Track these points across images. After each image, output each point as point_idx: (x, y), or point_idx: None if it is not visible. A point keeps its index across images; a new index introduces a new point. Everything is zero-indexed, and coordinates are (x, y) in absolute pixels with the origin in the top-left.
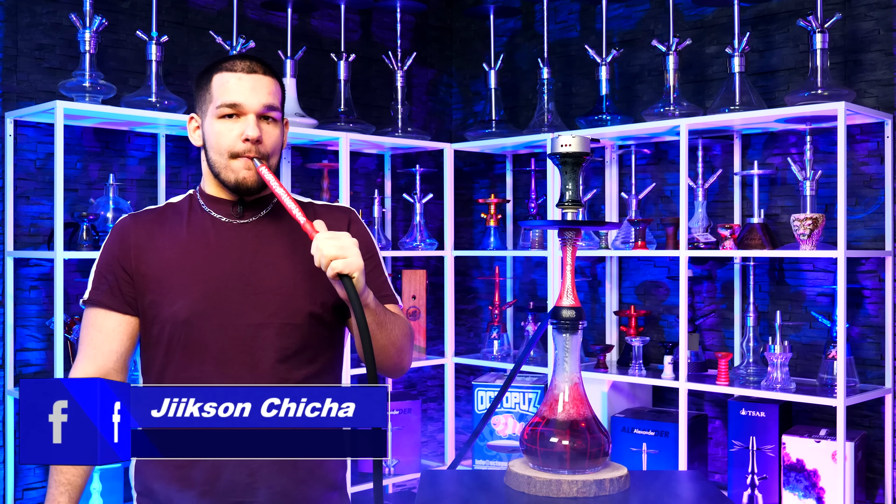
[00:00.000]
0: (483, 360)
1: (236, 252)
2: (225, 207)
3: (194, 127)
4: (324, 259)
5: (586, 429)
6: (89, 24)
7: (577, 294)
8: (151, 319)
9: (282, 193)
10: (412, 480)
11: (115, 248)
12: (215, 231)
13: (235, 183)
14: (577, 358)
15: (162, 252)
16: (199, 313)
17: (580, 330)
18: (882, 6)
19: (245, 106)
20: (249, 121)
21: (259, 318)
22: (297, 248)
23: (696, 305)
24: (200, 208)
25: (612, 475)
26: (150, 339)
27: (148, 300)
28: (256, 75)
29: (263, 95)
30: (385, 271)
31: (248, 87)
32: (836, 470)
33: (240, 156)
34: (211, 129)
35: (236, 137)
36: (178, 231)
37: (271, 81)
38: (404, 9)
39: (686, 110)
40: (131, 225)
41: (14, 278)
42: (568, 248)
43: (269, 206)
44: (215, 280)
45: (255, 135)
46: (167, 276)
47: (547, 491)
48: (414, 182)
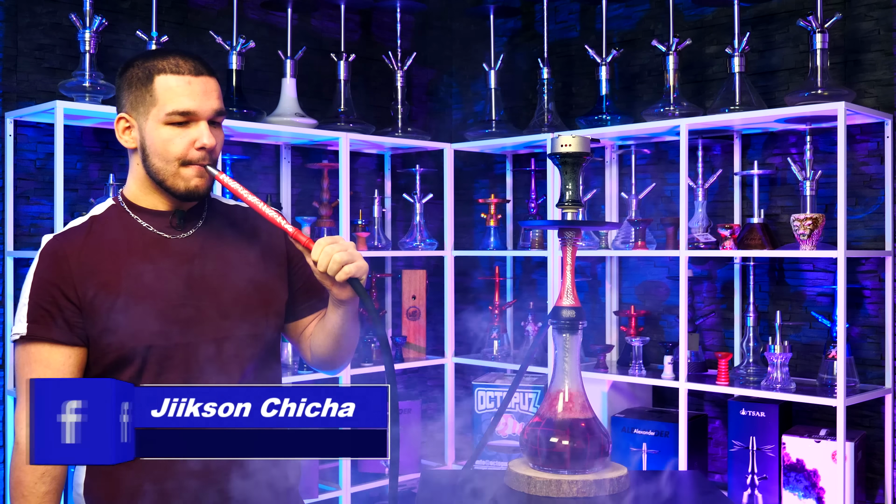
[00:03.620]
0: (483, 360)
1: (185, 268)
2: (161, 220)
3: (124, 127)
4: (334, 265)
5: (586, 429)
6: (89, 24)
7: (577, 294)
8: (105, 348)
9: (257, 202)
10: (412, 480)
11: (51, 276)
12: (159, 248)
13: (186, 191)
14: (577, 358)
15: (105, 275)
16: (159, 336)
17: (580, 330)
18: (882, 6)
19: (198, 113)
20: (202, 128)
21: (220, 332)
22: (244, 256)
23: (696, 305)
24: (133, 221)
25: (612, 475)
26: (103, 368)
27: (98, 329)
28: (203, 77)
29: (213, 100)
30: None
31: (199, 92)
32: (836, 470)
33: (192, 163)
34: (156, 135)
35: (188, 144)
36: (117, 250)
37: (215, 82)
38: (404, 9)
39: (686, 110)
40: (65, 247)
41: (14, 278)
42: (568, 248)
43: (204, 213)
44: (169, 299)
45: (211, 143)
46: (118, 302)
47: (547, 491)
48: (414, 182)
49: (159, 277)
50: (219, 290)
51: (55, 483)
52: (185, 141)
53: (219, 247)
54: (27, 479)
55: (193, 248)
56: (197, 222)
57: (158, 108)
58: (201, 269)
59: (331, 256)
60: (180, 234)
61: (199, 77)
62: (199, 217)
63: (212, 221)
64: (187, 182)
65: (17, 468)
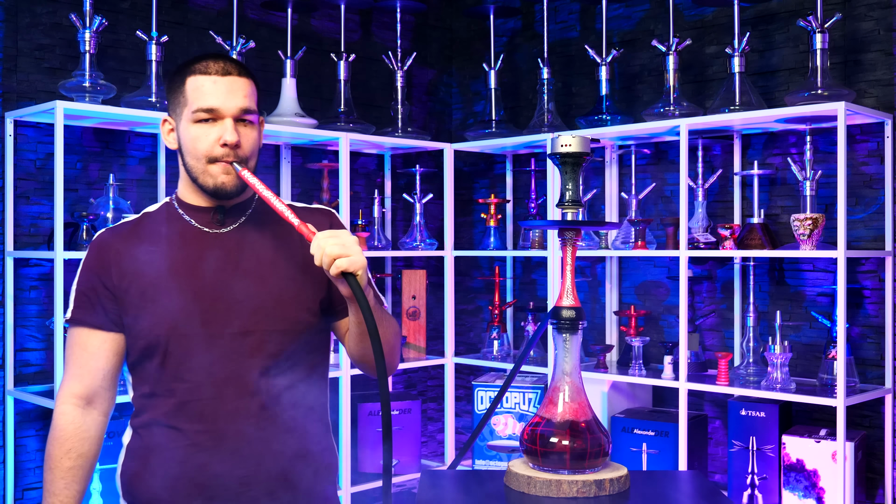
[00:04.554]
0: (483, 360)
1: (219, 262)
2: (204, 216)
3: (168, 130)
4: (326, 258)
5: (586, 429)
6: (89, 24)
7: (577, 294)
8: (136, 335)
9: (270, 197)
10: (412, 480)
11: (94, 265)
12: (197, 241)
13: (214, 187)
14: (577, 358)
15: (143, 266)
16: (184, 325)
17: (580, 330)
18: (882, 6)
19: (222, 110)
20: (227, 125)
21: (243, 326)
22: (281, 253)
23: (696, 305)
24: (179, 217)
25: (612, 475)
26: (137, 354)
27: (131, 315)
28: (231, 77)
29: (240, 99)
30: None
31: (223, 91)
32: (836, 470)
33: (218, 160)
34: (187, 134)
35: (213, 142)
36: (158, 243)
37: (247, 82)
38: (404, 9)
39: (686, 110)
40: (109, 240)
41: (14, 278)
42: (568, 248)
43: (249, 211)
44: (198, 292)
45: (234, 139)
46: (149, 291)
47: (547, 491)
48: (414, 182)
49: (191, 269)
50: (249, 284)
51: (81, 460)
52: (211, 138)
53: (256, 243)
54: (55, 452)
55: (230, 242)
56: (240, 218)
57: (188, 107)
58: (235, 264)
59: (323, 250)
60: (221, 229)
61: (225, 77)
62: (243, 214)
63: (254, 219)
64: (214, 179)
65: (48, 441)
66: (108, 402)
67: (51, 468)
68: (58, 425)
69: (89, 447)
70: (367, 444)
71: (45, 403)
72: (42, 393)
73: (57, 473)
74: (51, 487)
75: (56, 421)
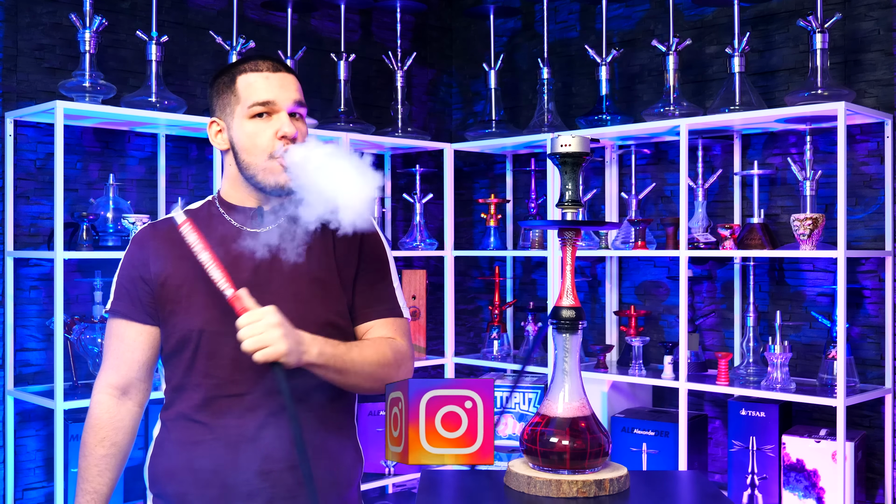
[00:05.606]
0: (483, 360)
1: (253, 261)
2: (244, 214)
3: (216, 131)
4: (247, 347)
5: (586, 429)
6: (89, 24)
7: (577, 294)
8: (171, 329)
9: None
10: (412, 480)
11: (134, 259)
12: (234, 240)
13: (276, 185)
14: (577, 358)
15: (180, 262)
16: (215, 323)
17: (580, 330)
18: (882, 6)
19: (277, 103)
20: (283, 118)
21: None
22: (314, 255)
23: (696, 305)
24: (220, 215)
25: (612, 475)
26: (171, 348)
27: (167, 310)
28: (282, 73)
29: (293, 92)
30: (395, 283)
31: (277, 85)
32: (836, 470)
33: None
34: (241, 131)
35: (272, 136)
36: None
37: (294, 79)
38: (404, 9)
39: (686, 110)
40: (150, 235)
41: (14, 278)
42: (568, 248)
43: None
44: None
45: (292, 132)
46: (185, 286)
47: (547, 491)
48: (414, 182)
49: (227, 267)
50: (281, 283)
51: (114, 449)
52: (269, 132)
53: (292, 242)
54: (89, 440)
55: (267, 241)
56: (279, 218)
57: (242, 104)
58: (269, 262)
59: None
60: (260, 227)
61: (276, 73)
62: (281, 215)
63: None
64: (276, 177)
65: (84, 429)
66: (143, 393)
67: (85, 455)
68: (93, 414)
69: (123, 437)
70: (366, 444)
71: (45, 403)
72: (42, 393)
73: (91, 461)
74: (84, 474)
75: (92, 409)
